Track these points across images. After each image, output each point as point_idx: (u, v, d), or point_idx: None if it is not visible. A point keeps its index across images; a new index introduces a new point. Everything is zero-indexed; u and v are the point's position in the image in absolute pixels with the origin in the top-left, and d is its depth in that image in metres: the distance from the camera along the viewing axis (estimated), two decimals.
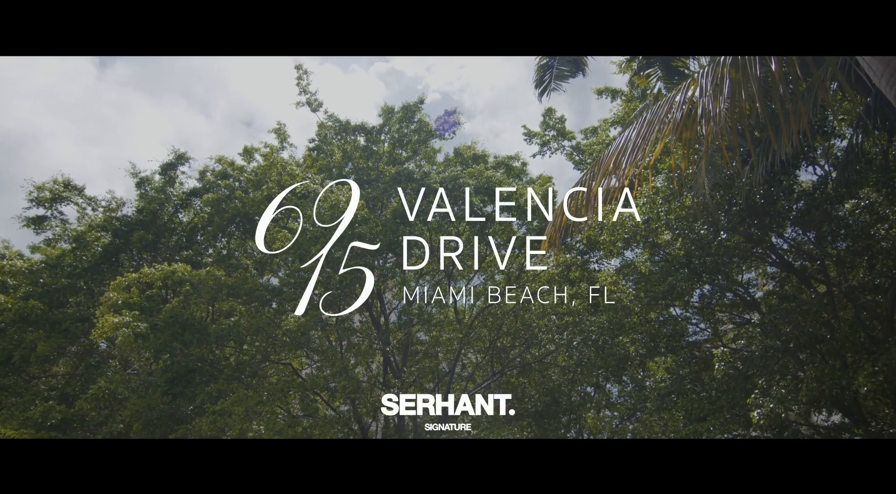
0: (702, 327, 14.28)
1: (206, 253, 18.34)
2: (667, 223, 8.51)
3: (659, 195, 8.40)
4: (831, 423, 10.99)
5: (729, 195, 7.63)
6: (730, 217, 8.05)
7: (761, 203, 7.93)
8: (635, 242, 9.19)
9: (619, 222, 9.00)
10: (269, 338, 13.28)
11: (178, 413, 14.00)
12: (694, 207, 8.01)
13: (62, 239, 18.67)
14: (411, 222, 13.13)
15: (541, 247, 6.94)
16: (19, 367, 16.97)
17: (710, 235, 8.61)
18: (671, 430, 9.34)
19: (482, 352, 17.93)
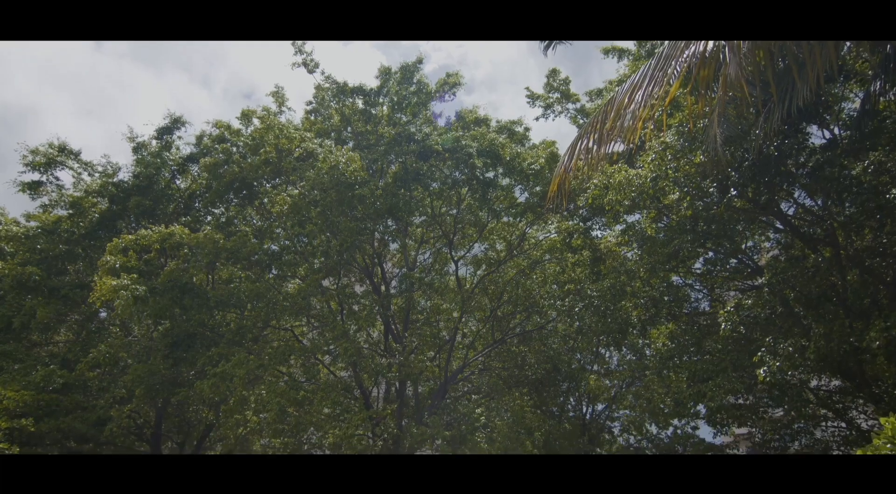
0: (704, 293, 14.20)
1: (205, 221, 18.13)
2: (675, 181, 8.30)
3: (668, 151, 8.17)
4: (834, 387, 10.98)
5: (742, 149, 7.41)
6: (741, 173, 7.85)
7: (774, 156, 7.70)
8: (642, 201, 8.97)
9: (626, 181, 8.78)
10: (269, 304, 13.19)
11: (179, 377, 14.02)
12: (704, 164, 7.80)
13: (58, 205, 18.44)
14: (412, 186, 12.91)
15: (548, 196, 6.77)
16: (20, 334, 16.96)
17: (718, 194, 8.41)
18: (674, 391, 9.30)
19: (482, 321, 17.91)
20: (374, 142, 14.47)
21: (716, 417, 11.59)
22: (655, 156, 8.30)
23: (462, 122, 14.79)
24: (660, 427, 18.20)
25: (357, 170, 11.92)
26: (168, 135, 18.23)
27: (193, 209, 17.74)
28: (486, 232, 16.31)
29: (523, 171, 12.93)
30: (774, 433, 11.43)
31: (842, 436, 11.35)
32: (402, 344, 13.51)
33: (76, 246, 17.44)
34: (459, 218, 15.36)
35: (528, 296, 16.04)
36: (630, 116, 4.93)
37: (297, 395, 12.25)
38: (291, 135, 13.70)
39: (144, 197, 16.83)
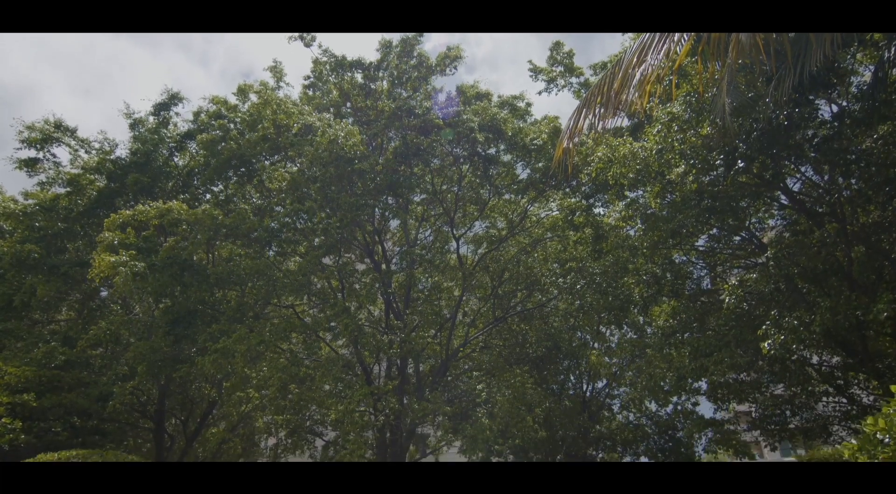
0: (706, 272, 14.12)
1: (204, 199, 17.99)
2: (681, 153, 8.13)
3: (675, 122, 7.99)
4: (835, 363, 10.97)
5: (750, 119, 7.23)
6: (748, 144, 7.68)
7: (784, 126, 7.53)
8: (646, 175, 8.82)
9: (631, 154, 8.62)
10: (269, 281, 13.11)
11: (181, 354, 14.04)
12: (711, 136, 7.63)
13: (56, 182, 18.27)
14: (413, 162, 12.73)
15: (554, 159, 6.63)
16: (20, 312, 16.97)
17: (724, 167, 8.25)
18: (676, 366, 9.28)
19: (483, 299, 17.88)
20: (373, 118, 14.24)
21: (716, 393, 11.64)
22: (661, 128, 8.13)
23: (463, 97, 14.53)
24: (659, 404, 18.31)
25: (356, 144, 11.73)
26: (165, 111, 17.98)
27: (192, 186, 17.57)
28: (487, 209, 16.16)
29: (525, 147, 12.72)
30: (775, 408, 11.46)
31: (842, 412, 11.38)
32: (404, 322, 13.48)
33: (75, 223, 17.33)
34: (460, 195, 15.20)
35: (529, 274, 15.97)
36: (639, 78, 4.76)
37: (299, 372, 12.25)
38: (290, 110, 13.47)
39: (142, 174, 16.65)
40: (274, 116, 13.69)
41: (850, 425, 11.12)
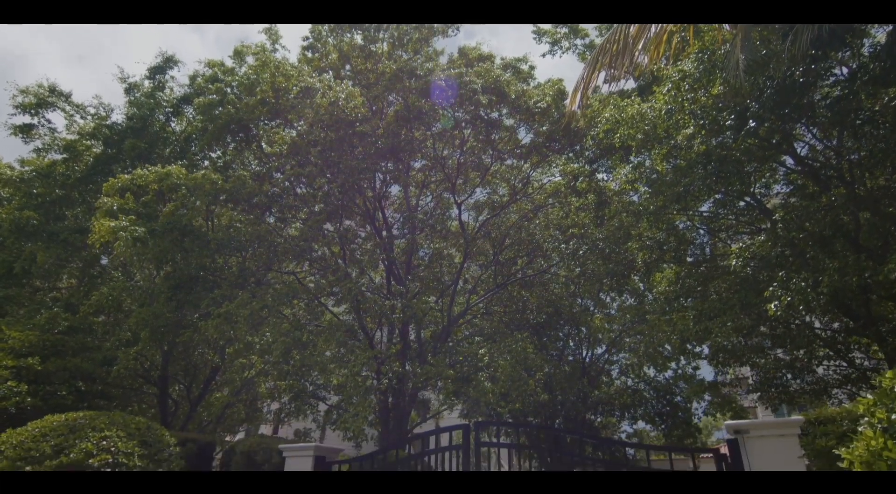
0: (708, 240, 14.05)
1: (202, 165, 17.77)
2: (691, 113, 7.94)
3: (686, 80, 7.77)
4: (837, 327, 10.99)
5: (764, 77, 7.03)
6: (761, 103, 7.49)
7: (799, 83, 7.33)
8: (654, 136, 8.64)
9: (639, 114, 8.42)
10: (270, 247, 13.02)
11: (183, 320, 14.07)
12: (722, 95, 7.44)
13: (52, 148, 18.02)
14: (413, 126, 12.47)
15: (566, 110, 6.48)
16: (21, 279, 16.97)
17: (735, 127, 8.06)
18: (680, 330, 9.29)
19: (485, 266, 17.85)
20: (373, 82, 13.90)
21: (718, 356, 11.72)
22: (671, 87, 7.91)
23: (465, 59, 14.16)
24: (658, 369, 18.51)
25: (357, 106, 11.47)
26: (160, 75, 17.58)
27: (190, 152, 17.32)
28: (489, 175, 15.96)
29: (529, 110, 12.46)
30: (776, 371, 11.54)
31: (842, 375, 11.48)
32: (405, 287, 13.46)
33: (72, 190, 17.17)
34: (462, 161, 14.98)
35: (530, 241, 15.88)
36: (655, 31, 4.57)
37: (302, 336, 12.28)
38: (288, 73, 13.14)
39: (139, 139, 16.39)
40: (272, 79, 13.36)
41: (850, 388, 11.23)
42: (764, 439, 5.57)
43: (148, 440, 7.77)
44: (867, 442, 3.34)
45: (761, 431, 5.62)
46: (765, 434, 5.59)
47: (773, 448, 5.50)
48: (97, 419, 7.75)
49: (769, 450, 5.51)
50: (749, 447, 5.60)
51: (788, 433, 5.49)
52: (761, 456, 5.53)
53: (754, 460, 5.55)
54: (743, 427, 5.73)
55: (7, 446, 7.03)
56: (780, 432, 5.54)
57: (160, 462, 7.60)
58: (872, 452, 3.30)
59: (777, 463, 5.42)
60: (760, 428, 5.67)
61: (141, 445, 7.54)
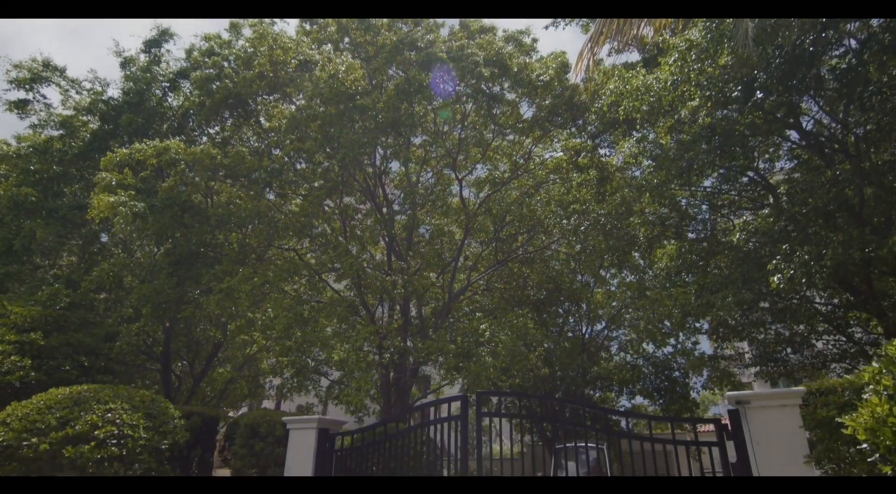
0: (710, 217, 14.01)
1: (200, 141, 17.60)
2: (697, 84, 7.81)
3: (693, 49, 7.62)
4: (838, 301, 11.02)
5: (773, 46, 6.89)
6: (769, 74, 7.36)
7: (808, 53, 7.19)
8: (659, 108, 8.52)
9: (644, 86, 8.29)
10: (271, 223, 12.97)
11: (185, 296, 14.09)
12: (730, 66, 7.30)
13: (48, 124, 17.82)
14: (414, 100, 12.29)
15: (572, 74, 6.38)
16: (22, 256, 16.94)
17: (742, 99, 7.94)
18: (681, 304, 9.31)
19: (485, 243, 17.83)
20: (373, 54, 13.67)
21: (718, 331, 11.78)
22: (678, 57, 7.76)
23: (466, 31, 13.90)
24: (657, 345, 18.63)
25: (358, 79, 11.29)
26: (156, 48, 17.28)
27: (187, 128, 17.13)
28: (490, 151, 15.82)
29: (531, 83, 12.27)
30: (777, 345, 11.61)
31: (840, 350, 11.55)
32: (406, 263, 13.45)
33: (70, 166, 17.03)
34: (463, 136, 14.83)
35: (531, 217, 15.83)
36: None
37: (303, 312, 12.31)
38: (286, 45, 12.91)
39: (136, 114, 16.19)
40: (270, 52, 13.13)
41: (848, 363, 11.31)
42: (765, 409, 5.61)
43: (152, 412, 7.84)
44: (872, 409, 3.35)
45: (762, 401, 5.66)
46: (766, 405, 5.63)
47: (773, 419, 5.54)
48: (101, 392, 7.80)
49: (770, 420, 5.55)
50: (750, 417, 5.64)
51: (789, 403, 5.53)
52: (762, 427, 5.57)
53: (755, 430, 5.60)
54: (744, 397, 5.77)
55: (13, 418, 7.08)
56: (782, 402, 5.58)
57: (165, 434, 7.67)
58: (877, 419, 3.31)
59: (777, 434, 5.47)
60: (761, 399, 5.70)
61: (146, 417, 7.60)
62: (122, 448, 6.98)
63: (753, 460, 5.51)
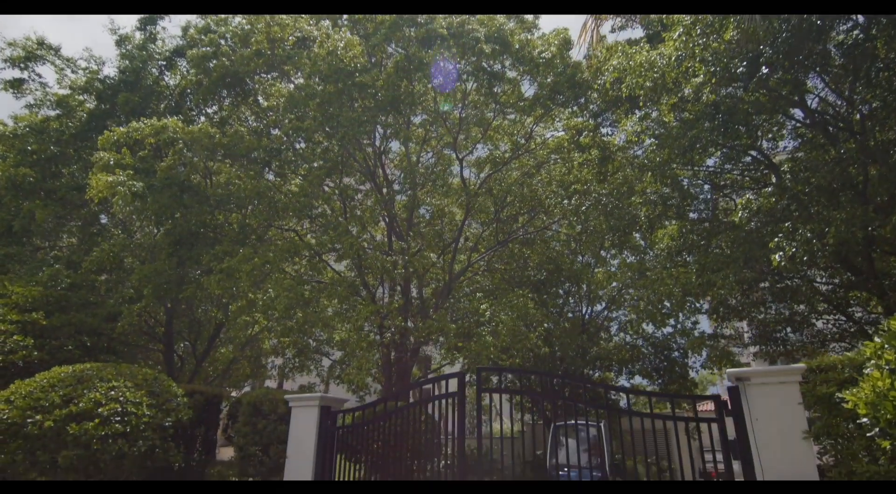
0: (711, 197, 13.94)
1: (198, 121, 17.45)
2: (702, 60, 7.69)
3: (698, 24, 7.49)
4: (839, 281, 11.02)
5: (780, 19, 6.76)
6: (775, 48, 7.24)
7: (816, 26, 7.06)
8: (663, 85, 8.40)
9: (648, 62, 8.16)
10: (270, 203, 12.91)
11: (185, 277, 14.10)
12: (735, 41, 7.17)
13: (44, 104, 17.64)
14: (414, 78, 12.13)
15: (574, 46, 6.30)
16: (21, 238, 16.93)
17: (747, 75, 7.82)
18: (682, 283, 9.30)
19: (486, 224, 17.80)
20: (372, 31, 13.45)
21: (718, 310, 11.81)
22: (682, 31, 7.63)
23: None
24: (656, 326, 18.73)
25: (357, 56, 11.12)
26: (151, 25, 17.02)
27: (185, 107, 16.96)
28: (491, 130, 15.68)
29: (533, 60, 12.10)
30: (777, 325, 11.65)
31: (840, 329, 11.59)
32: (406, 243, 13.43)
33: (67, 147, 16.91)
34: (464, 116, 14.69)
35: (532, 197, 15.76)
36: None
37: (304, 292, 12.31)
38: (284, 22, 12.69)
39: (133, 93, 16.02)
40: (267, 29, 12.92)
41: (847, 342, 11.35)
42: (765, 386, 5.63)
43: (155, 390, 7.89)
44: (873, 384, 3.36)
45: (762, 378, 5.68)
46: (766, 382, 5.65)
47: (773, 395, 5.57)
48: (104, 370, 7.84)
49: (769, 397, 5.58)
50: (749, 393, 5.67)
51: (789, 380, 5.55)
52: (761, 403, 5.60)
53: (754, 407, 5.63)
54: (744, 374, 5.79)
55: (17, 396, 7.13)
56: (781, 379, 5.60)
57: (168, 412, 7.73)
58: (878, 393, 3.31)
59: (776, 410, 5.50)
60: (761, 376, 5.72)
61: (149, 395, 7.65)
62: (125, 425, 7.04)
63: (752, 436, 5.55)
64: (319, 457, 8.08)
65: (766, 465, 5.36)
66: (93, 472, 7.30)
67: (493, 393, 7.08)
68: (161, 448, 7.61)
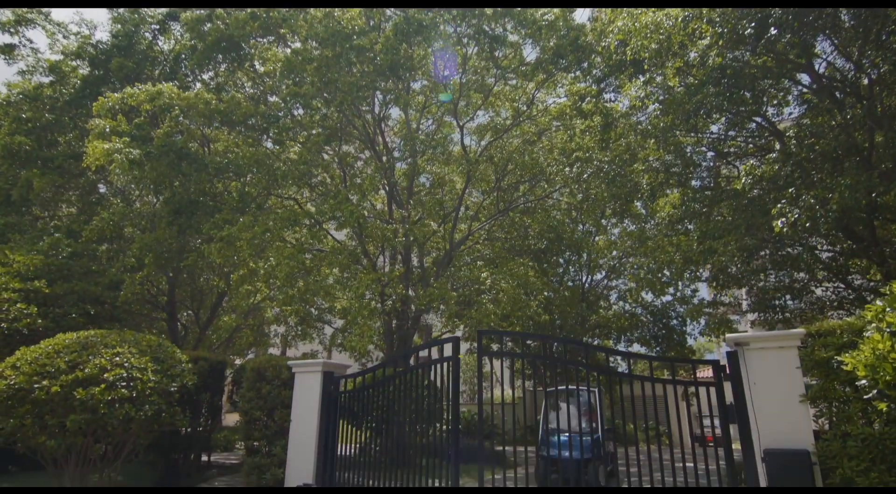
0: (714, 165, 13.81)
1: (194, 87, 17.15)
2: (709, 20, 7.49)
3: None
4: (840, 248, 11.01)
5: None
6: (785, 9, 7.03)
7: None
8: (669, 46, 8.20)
9: (654, 23, 7.95)
10: (269, 171, 12.80)
11: (186, 246, 14.10)
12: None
13: (37, 70, 17.33)
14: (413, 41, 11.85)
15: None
16: (20, 207, 16.85)
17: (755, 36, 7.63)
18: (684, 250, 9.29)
19: (487, 192, 17.71)
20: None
21: (718, 278, 11.85)
22: None
23: None
24: (656, 294, 18.85)
25: (354, 17, 10.85)
26: None
27: (180, 73, 16.64)
28: (492, 96, 15.42)
29: (536, 23, 11.81)
30: (776, 292, 11.70)
31: (839, 297, 11.65)
32: (407, 211, 13.37)
33: (63, 114, 16.67)
34: (464, 81, 14.42)
35: (534, 165, 15.63)
36: None
37: (305, 260, 12.32)
38: None
39: (126, 58, 15.70)
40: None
41: (846, 310, 11.43)
42: (763, 351, 5.68)
43: (160, 356, 7.97)
44: (874, 346, 3.38)
45: (761, 343, 5.73)
46: (764, 346, 5.69)
47: (771, 360, 5.62)
48: (108, 337, 7.90)
49: (767, 362, 5.63)
50: (748, 358, 5.72)
51: (788, 345, 5.59)
52: (759, 368, 5.66)
53: (752, 371, 5.69)
54: (743, 339, 5.83)
55: (23, 362, 7.20)
56: (780, 344, 5.64)
57: (174, 378, 7.83)
58: (878, 356, 3.34)
59: (774, 374, 5.56)
60: (760, 341, 5.77)
61: (153, 361, 7.73)
62: (131, 390, 7.13)
63: (750, 400, 5.63)
64: (323, 421, 8.23)
65: (763, 429, 5.45)
66: (101, 435, 7.45)
67: (494, 357, 7.14)
68: (167, 412, 7.73)
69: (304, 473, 8.07)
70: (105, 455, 7.70)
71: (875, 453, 4.45)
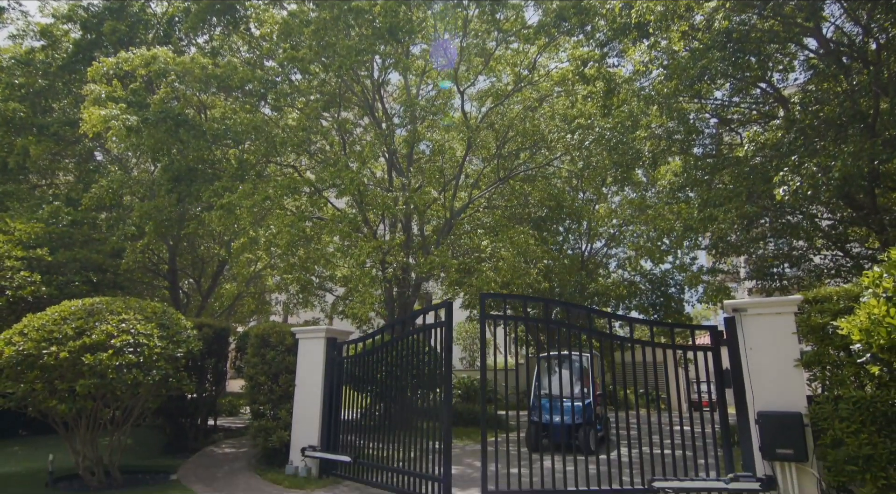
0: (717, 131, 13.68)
1: (188, 52, 16.81)
2: None
3: None
4: (840, 216, 11.03)
5: None
6: None
7: None
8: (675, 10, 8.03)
9: None
10: (268, 138, 12.68)
11: (186, 213, 14.09)
12: None
13: (27, 34, 16.95)
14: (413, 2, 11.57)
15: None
16: (18, 175, 16.74)
17: None
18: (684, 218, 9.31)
19: (487, 160, 17.58)
20: None
21: (718, 246, 11.90)
22: None
23: None
24: (655, 263, 18.95)
25: None
26: None
27: (174, 37, 16.29)
28: (493, 61, 15.14)
29: None
30: (775, 260, 11.78)
31: (836, 265, 11.74)
32: (407, 179, 13.31)
33: (56, 79, 16.39)
34: (465, 44, 14.13)
35: (535, 132, 15.47)
36: None
37: (305, 228, 12.32)
38: None
39: (119, 21, 15.33)
40: None
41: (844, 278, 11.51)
42: (761, 317, 5.76)
43: (165, 323, 8.07)
44: (870, 311, 3.44)
45: (759, 309, 5.81)
46: (762, 312, 5.77)
47: (767, 325, 5.71)
48: (114, 304, 7.98)
49: (764, 327, 5.72)
50: (745, 323, 5.81)
51: (785, 311, 5.67)
52: (756, 333, 5.75)
53: (749, 336, 5.79)
54: (741, 305, 5.91)
55: (30, 329, 7.30)
56: (777, 310, 5.72)
57: (179, 343, 7.95)
58: (874, 320, 3.40)
59: (771, 339, 5.65)
60: (757, 307, 5.85)
61: (159, 327, 7.83)
62: (138, 355, 7.25)
63: (746, 365, 5.74)
64: (327, 385, 8.40)
65: (758, 392, 5.58)
66: (110, 400, 7.61)
67: (496, 321, 7.23)
68: (174, 377, 7.88)
69: (310, 436, 8.29)
70: (114, 419, 7.89)
71: (866, 415, 4.57)
